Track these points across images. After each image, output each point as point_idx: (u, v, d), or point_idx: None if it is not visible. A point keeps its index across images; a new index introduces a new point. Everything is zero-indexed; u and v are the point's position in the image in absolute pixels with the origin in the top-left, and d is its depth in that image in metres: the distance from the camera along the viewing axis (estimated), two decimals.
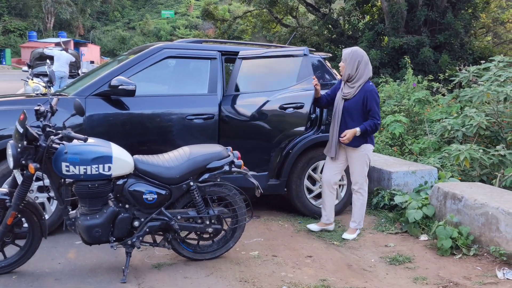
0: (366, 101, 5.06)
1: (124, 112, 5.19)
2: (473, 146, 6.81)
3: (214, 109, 5.45)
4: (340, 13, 26.24)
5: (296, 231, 5.48)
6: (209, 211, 4.43)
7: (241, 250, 4.86)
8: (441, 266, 4.60)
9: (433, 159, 7.44)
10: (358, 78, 5.09)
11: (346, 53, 5.13)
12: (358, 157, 5.20)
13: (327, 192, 5.38)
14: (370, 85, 5.10)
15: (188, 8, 53.73)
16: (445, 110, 9.58)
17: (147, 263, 4.51)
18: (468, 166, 6.74)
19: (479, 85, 7.96)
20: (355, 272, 4.46)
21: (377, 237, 5.32)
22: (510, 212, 4.52)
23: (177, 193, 4.30)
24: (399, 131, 9.23)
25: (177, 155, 4.36)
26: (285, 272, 4.38)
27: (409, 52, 21.64)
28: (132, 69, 5.32)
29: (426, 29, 23.07)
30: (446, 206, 5.25)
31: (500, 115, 7.84)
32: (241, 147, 5.29)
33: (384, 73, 19.51)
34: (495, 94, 7.36)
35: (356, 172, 5.26)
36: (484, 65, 8.62)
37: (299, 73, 5.38)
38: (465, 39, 24.15)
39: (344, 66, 5.13)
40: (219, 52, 5.71)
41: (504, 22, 31.33)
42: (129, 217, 4.19)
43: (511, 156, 6.72)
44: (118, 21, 52.97)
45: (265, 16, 30.88)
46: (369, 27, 24.85)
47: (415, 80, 12.71)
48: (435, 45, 22.99)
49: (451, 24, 22.83)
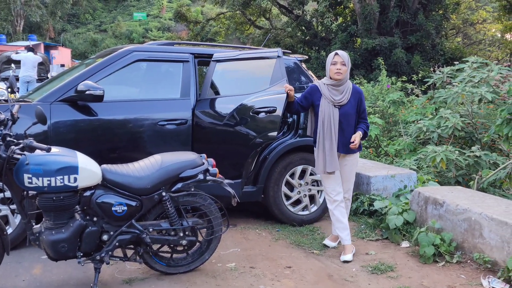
0: (360, 103, 4.81)
1: (92, 119, 4.94)
2: (449, 147, 6.71)
3: (187, 114, 5.23)
4: (313, 15, 26.17)
5: (274, 240, 5.29)
6: (183, 223, 4.21)
7: (217, 262, 4.65)
8: (425, 275, 4.45)
9: (409, 161, 7.34)
10: (346, 79, 4.80)
11: (345, 54, 4.75)
12: (353, 164, 4.94)
13: (342, 210, 4.88)
14: (358, 86, 4.92)
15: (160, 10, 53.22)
16: (420, 111, 9.52)
17: (117, 279, 4.27)
18: (444, 168, 6.64)
19: (453, 86, 7.88)
20: (337, 283, 4.28)
21: (358, 245, 5.14)
22: (493, 218, 4.38)
23: (149, 204, 4.07)
24: (375, 133, 9.13)
25: (148, 164, 4.13)
26: (264, 285, 4.18)
27: (381, 53, 21.67)
28: (100, 73, 5.08)
29: (398, 30, 23.15)
30: (427, 211, 5.11)
31: (475, 116, 7.78)
32: (215, 153, 5.09)
33: (358, 75, 19.49)
34: (470, 95, 7.29)
35: (350, 179, 4.98)
36: (457, 66, 8.56)
37: (272, 76, 5.18)
38: (437, 40, 24.30)
39: (346, 69, 4.71)
40: (192, 55, 5.49)
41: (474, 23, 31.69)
42: (98, 230, 3.95)
43: (486, 157, 6.64)
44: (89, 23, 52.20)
45: (238, 18, 30.70)
46: (342, 28, 24.86)
47: (389, 82, 12.66)
48: (407, 46, 23.08)
49: (422, 25, 22.96)
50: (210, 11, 43.53)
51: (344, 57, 4.71)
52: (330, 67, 4.72)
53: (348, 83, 4.79)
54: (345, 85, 4.76)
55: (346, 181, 4.96)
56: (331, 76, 4.73)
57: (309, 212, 5.79)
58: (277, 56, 5.18)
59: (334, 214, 4.88)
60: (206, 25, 31.90)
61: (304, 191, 5.73)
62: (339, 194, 4.84)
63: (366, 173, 6.19)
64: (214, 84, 5.45)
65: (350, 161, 4.90)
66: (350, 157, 4.88)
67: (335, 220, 4.88)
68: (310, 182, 5.74)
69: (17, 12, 46.86)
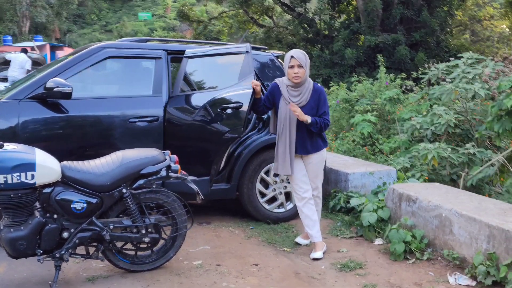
0: (319, 103, 4.66)
1: (62, 116, 4.91)
2: (442, 144, 6.60)
3: (159, 111, 5.19)
4: (316, 12, 26.02)
5: (246, 238, 5.23)
6: (145, 220, 4.17)
7: (184, 260, 4.60)
8: (393, 272, 4.38)
9: (403, 159, 7.24)
10: (305, 79, 4.64)
11: (301, 55, 4.58)
12: (318, 162, 4.84)
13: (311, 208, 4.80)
14: (319, 85, 4.74)
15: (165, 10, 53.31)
16: (415, 108, 9.42)
17: (81, 276, 4.24)
18: (436, 165, 6.53)
19: (447, 83, 7.78)
20: (302, 281, 4.22)
21: (331, 242, 5.08)
22: (463, 214, 4.31)
23: (109, 201, 4.03)
24: (368, 131, 9.05)
25: (109, 160, 4.09)
26: (227, 283, 4.13)
27: (385, 50, 21.49)
28: (70, 70, 5.04)
29: (402, 27, 22.94)
30: (401, 208, 5.04)
31: (471, 113, 7.66)
32: (186, 150, 5.09)
33: (361, 72, 19.35)
34: (464, 91, 7.17)
35: (318, 176, 4.89)
36: (453, 62, 8.46)
37: (240, 71, 5.11)
38: (441, 37, 24.08)
39: (304, 71, 4.56)
40: (165, 51, 5.44)
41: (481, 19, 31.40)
42: (57, 228, 3.91)
43: (480, 154, 6.53)
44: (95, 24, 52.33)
45: (241, 17, 30.58)
46: (344, 26, 24.69)
47: (388, 79, 12.56)
48: (411, 43, 22.86)
49: (426, 22, 22.73)
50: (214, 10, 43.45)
51: (301, 58, 4.55)
52: (288, 70, 4.59)
53: (308, 83, 4.66)
54: (304, 86, 4.64)
55: (313, 179, 4.86)
56: (289, 79, 4.62)
57: (285, 210, 5.73)
58: (246, 52, 5.12)
59: (303, 212, 4.81)
60: (209, 24, 31.80)
61: (279, 189, 5.67)
62: (307, 192, 4.77)
63: (344, 170, 6.12)
64: (185, 80, 5.41)
65: (315, 159, 4.79)
66: (314, 155, 4.78)
67: (304, 218, 4.81)
68: (286, 179, 5.67)
69: (22, 13, 47.01)
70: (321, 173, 4.92)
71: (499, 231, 3.96)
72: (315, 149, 4.76)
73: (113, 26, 50.63)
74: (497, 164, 6.24)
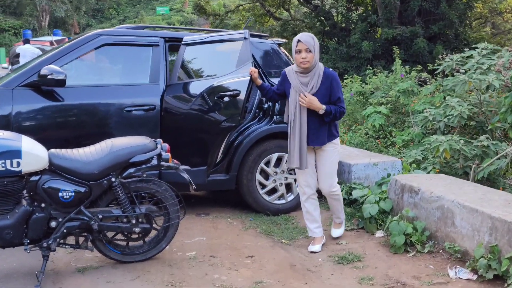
0: (332, 89, 4.39)
1: (57, 104, 4.84)
2: (454, 137, 6.40)
3: (156, 100, 5.09)
4: (333, 5, 25.77)
5: (244, 229, 5.11)
6: (136, 209, 4.06)
7: (178, 251, 4.50)
8: (392, 265, 4.23)
9: (415, 152, 7.06)
10: (315, 64, 4.39)
11: (311, 40, 4.32)
12: (333, 155, 4.55)
13: (313, 204, 4.65)
14: (330, 70, 4.47)
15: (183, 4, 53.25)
16: (428, 100, 9.22)
17: (72, 267, 4.16)
18: (448, 158, 6.33)
19: (461, 74, 7.56)
20: (297, 273, 4.10)
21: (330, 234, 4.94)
22: (465, 205, 4.14)
23: (98, 190, 3.93)
24: (379, 123, 8.87)
25: (98, 148, 3.99)
26: (219, 274, 4.02)
27: (402, 43, 21.18)
28: (66, 57, 4.97)
29: (420, 20, 22.59)
30: (403, 199, 4.88)
31: (487, 105, 7.41)
32: (183, 140, 5.00)
33: (377, 65, 19.09)
34: (477, 82, 6.95)
35: (330, 172, 4.57)
36: (468, 52, 8.23)
37: (238, 58, 4.98)
38: (460, 29, 23.69)
39: (313, 56, 4.28)
40: (162, 39, 5.33)
41: (502, 12, 30.87)
42: (45, 217, 3.83)
43: (494, 147, 6.30)
44: (113, 18, 52.40)
45: (258, 10, 30.40)
46: (362, 18, 24.38)
47: (403, 71, 12.34)
48: (430, 36, 22.50)
49: (445, 14, 22.35)
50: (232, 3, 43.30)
51: (308, 42, 4.27)
52: (295, 55, 4.35)
53: (318, 68, 4.38)
54: (314, 71, 4.37)
55: (326, 173, 4.58)
56: (297, 65, 4.38)
57: (285, 201, 5.59)
58: (244, 38, 4.98)
59: (305, 206, 4.65)
60: (225, 18, 31.67)
61: (280, 180, 5.53)
62: (309, 187, 4.59)
63: (347, 161, 5.95)
64: (183, 68, 5.30)
65: (328, 151, 4.52)
66: (327, 147, 4.52)
67: (305, 212, 4.66)
68: (286, 170, 5.53)
69: (42, 8, 47.35)
70: (332, 169, 4.59)
71: (502, 222, 3.79)
72: (328, 139, 4.49)
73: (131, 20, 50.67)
74: (510, 155, 6.03)
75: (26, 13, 48.07)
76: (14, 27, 47.52)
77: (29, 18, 47.53)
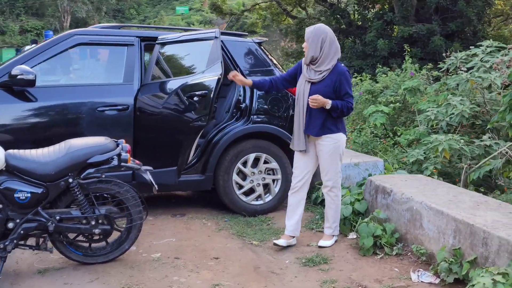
0: (340, 85, 4.35)
1: (29, 104, 4.83)
2: (455, 136, 6.25)
3: (129, 100, 5.05)
4: (348, 2, 25.55)
5: (217, 230, 5.05)
6: (95, 210, 4.02)
7: (144, 252, 4.46)
8: (357, 268, 4.14)
9: (418, 151, 6.92)
10: (323, 60, 4.34)
11: (309, 31, 4.41)
12: (331, 150, 4.44)
13: (296, 198, 4.60)
14: (343, 66, 4.43)
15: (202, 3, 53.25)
16: (433, 99, 9.06)
17: (34, 268, 4.15)
18: (448, 157, 6.17)
19: (463, 72, 7.40)
20: (260, 276, 4.03)
21: (304, 236, 4.84)
22: (432, 207, 4.03)
23: (55, 191, 3.90)
24: (381, 122, 8.75)
25: (56, 149, 3.97)
26: (178, 277, 3.97)
27: (419, 41, 20.87)
28: (38, 57, 4.96)
29: (437, 17, 22.23)
30: (377, 201, 4.77)
31: (494, 104, 7.22)
32: (156, 140, 4.95)
33: (393, 64, 18.86)
34: (480, 81, 6.78)
35: (328, 168, 4.50)
36: (473, 50, 8.05)
37: (209, 58, 4.93)
38: (478, 26, 23.26)
39: (307, 46, 4.41)
40: (138, 38, 5.30)
41: None
42: (2, 218, 3.82)
43: (497, 146, 6.12)
44: (134, 18, 52.59)
45: (274, 9, 30.28)
46: (378, 16, 24.11)
47: (413, 69, 12.16)
48: (447, 34, 22.12)
49: (463, 12, 21.98)
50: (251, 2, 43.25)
51: (307, 33, 4.43)
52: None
53: (327, 65, 4.37)
54: (323, 66, 4.37)
55: (322, 170, 4.56)
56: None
57: (263, 202, 5.51)
58: (214, 37, 4.92)
59: (289, 200, 4.65)
60: (241, 17, 31.62)
61: (257, 180, 5.46)
62: (298, 180, 4.56)
63: None
64: (157, 67, 5.27)
65: (327, 145, 4.43)
66: (326, 140, 4.43)
67: (288, 206, 4.66)
68: (264, 170, 5.46)
69: (63, 8, 47.83)
70: (331, 163, 4.49)
71: (465, 225, 3.68)
72: (323, 132, 4.42)
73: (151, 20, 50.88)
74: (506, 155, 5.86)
75: (48, 14, 48.66)
76: (36, 28, 48.10)
77: (50, 19, 48.10)
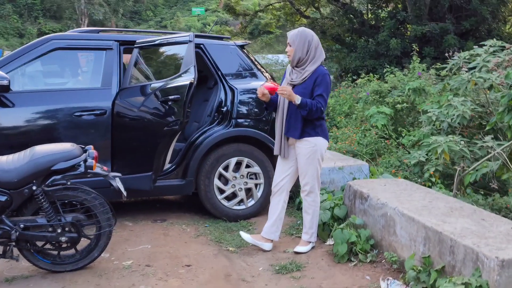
0: (316, 86, 4.31)
1: (4, 110, 4.80)
2: (455, 137, 6.11)
3: (107, 104, 5.01)
4: (361, 1, 25.33)
5: (195, 236, 4.98)
6: (61, 218, 3.97)
7: (116, 259, 4.40)
8: (329, 275, 4.04)
9: (420, 153, 6.79)
10: (310, 61, 4.34)
11: (293, 35, 4.37)
12: (308, 154, 4.39)
13: (274, 201, 4.58)
14: (325, 69, 4.40)
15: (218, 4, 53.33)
16: (436, 99, 8.91)
17: (2, 276, 4.10)
18: (447, 159, 6.03)
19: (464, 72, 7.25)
20: (229, 284, 3.96)
21: (282, 242, 4.75)
22: (404, 214, 3.91)
23: (19, 198, 3.86)
24: (381, 123, 8.62)
25: (20, 156, 3.92)
26: (145, 285, 3.91)
27: (432, 40, 20.59)
28: (15, 62, 4.94)
29: (451, 16, 21.91)
30: (355, 206, 4.67)
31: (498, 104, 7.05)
32: (132, 145, 4.90)
33: (406, 63, 18.64)
34: (481, 81, 6.63)
35: (305, 172, 4.45)
36: (477, 50, 7.88)
37: (184, 62, 4.85)
38: (493, 25, 22.89)
39: (292, 50, 4.35)
40: (117, 42, 5.25)
41: None
42: None
43: (499, 148, 5.96)
44: (150, 20, 52.87)
45: (288, 9, 30.17)
46: (391, 15, 23.85)
47: (421, 68, 11.98)
48: (461, 33, 21.80)
49: (477, 10, 21.63)
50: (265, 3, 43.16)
51: (290, 37, 4.38)
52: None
53: (313, 65, 4.36)
54: (310, 66, 4.36)
55: (300, 174, 4.50)
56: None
57: (245, 207, 5.43)
58: (188, 41, 4.84)
59: (270, 203, 4.63)
60: (255, 17, 31.54)
61: (239, 185, 5.38)
62: (277, 182, 4.55)
63: None
64: (135, 71, 5.20)
65: (304, 149, 4.39)
66: (303, 144, 4.38)
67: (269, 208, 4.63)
68: (246, 175, 5.38)
69: (81, 11, 48.23)
70: (308, 168, 4.44)
71: (434, 232, 3.57)
72: (302, 135, 4.38)
73: (168, 21, 51.10)
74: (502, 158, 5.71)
75: (65, 16, 49.08)
76: (54, 31, 48.39)
77: (68, 22, 48.45)
